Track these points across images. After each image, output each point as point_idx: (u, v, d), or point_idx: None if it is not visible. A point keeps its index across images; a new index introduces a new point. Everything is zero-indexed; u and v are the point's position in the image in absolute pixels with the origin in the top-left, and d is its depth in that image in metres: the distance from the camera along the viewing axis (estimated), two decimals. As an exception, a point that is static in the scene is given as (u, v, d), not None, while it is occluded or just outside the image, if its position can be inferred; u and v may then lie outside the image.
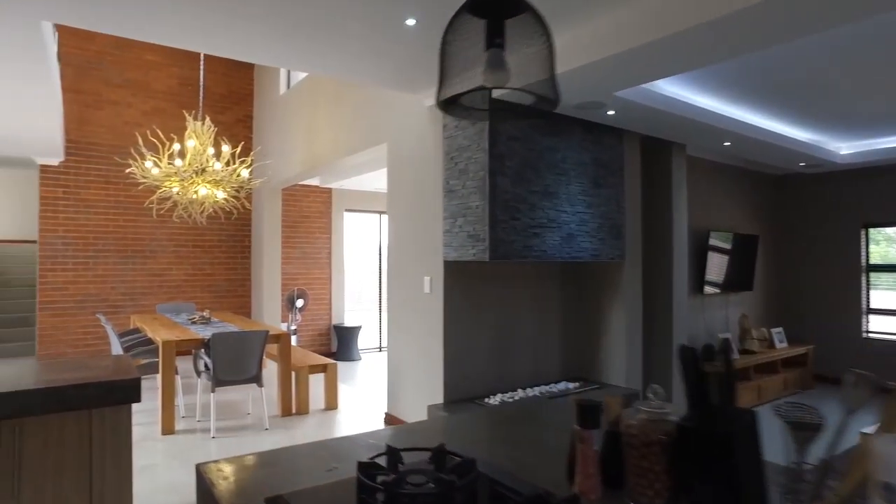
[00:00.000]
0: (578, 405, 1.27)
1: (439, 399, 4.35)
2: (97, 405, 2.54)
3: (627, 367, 4.81)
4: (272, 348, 5.24)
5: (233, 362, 4.66)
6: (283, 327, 8.44)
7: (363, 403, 5.72)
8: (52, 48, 4.84)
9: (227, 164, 5.88)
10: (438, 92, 1.29)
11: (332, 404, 5.45)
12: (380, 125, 5.31)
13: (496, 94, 1.35)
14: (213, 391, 4.65)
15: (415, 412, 4.67)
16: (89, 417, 2.52)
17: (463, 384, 4.40)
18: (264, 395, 5.00)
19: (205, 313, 6.11)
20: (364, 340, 9.37)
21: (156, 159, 5.64)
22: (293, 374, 5.27)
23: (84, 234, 7.73)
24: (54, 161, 7.56)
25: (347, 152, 5.93)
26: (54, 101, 5.44)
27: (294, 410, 5.24)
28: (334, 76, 4.20)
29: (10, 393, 2.35)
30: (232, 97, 8.87)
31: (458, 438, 1.67)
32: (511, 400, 4.24)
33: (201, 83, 7.33)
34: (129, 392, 2.60)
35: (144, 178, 5.75)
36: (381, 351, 9.66)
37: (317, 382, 5.78)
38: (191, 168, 5.59)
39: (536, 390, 4.54)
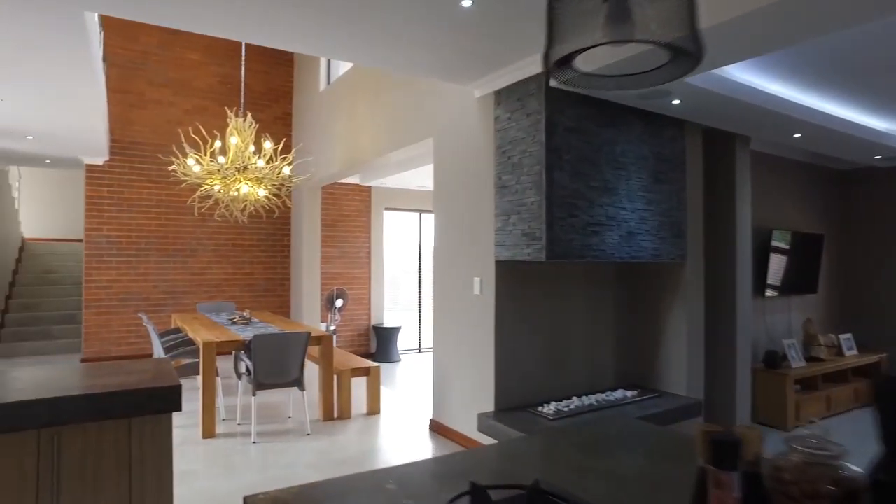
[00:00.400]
0: (712, 440, 1.03)
1: (489, 406, 4.12)
2: (137, 414, 2.39)
3: (688, 374, 4.50)
4: (313, 350, 5.09)
5: (274, 365, 4.52)
6: (323, 328, 8.32)
7: (406, 408, 5.53)
8: (98, 49, 4.79)
9: (269, 161, 5.77)
10: (546, 56, 1.05)
11: (374, 409, 5.27)
12: (425, 119, 5.10)
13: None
14: (253, 395, 4.51)
15: (463, 420, 4.45)
16: (128, 426, 2.38)
17: (515, 391, 4.16)
18: (306, 399, 4.85)
19: (245, 313, 6.01)
20: (403, 341, 9.20)
21: (198, 157, 5.55)
22: (335, 377, 5.11)
23: (127, 233, 7.75)
24: (99, 160, 7.60)
25: (390, 148, 5.75)
26: (100, 101, 5.41)
27: (336, 415, 5.08)
28: (382, 66, 4.00)
29: (48, 399, 2.22)
30: (271, 94, 8.80)
31: (539, 468, 1.44)
32: (567, 409, 3.98)
33: (242, 79, 7.25)
34: (170, 400, 2.45)
35: (186, 175, 5.67)
36: (420, 352, 9.48)
37: (358, 386, 5.62)
38: (233, 165, 5.48)
39: (592, 398, 4.27)
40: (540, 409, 4.03)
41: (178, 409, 2.39)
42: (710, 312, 4.81)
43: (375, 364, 5.37)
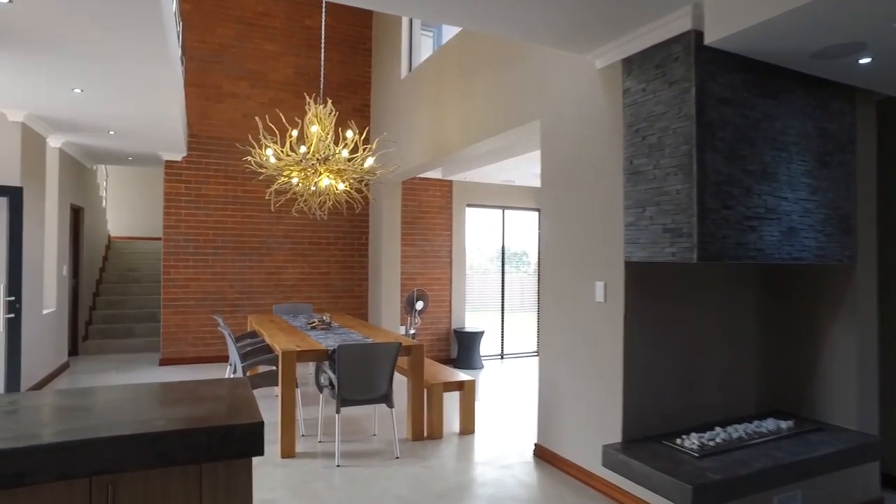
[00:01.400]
0: None
1: (614, 435, 3.44)
2: (208, 459, 1.90)
3: (860, 404, 3.64)
4: (401, 361, 4.55)
5: (361, 379, 4.00)
6: (402, 331, 7.84)
7: (504, 428, 4.91)
8: (176, 42, 4.47)
9: (352, 152, 5.29)
10: None
11: (468, 428, 4.69)
12: (529, 100, 4.46)
13: None
14: (337, 412, 4.02)
15: (579, 449, 3.79)
16: (199, 475, 1.88)
17: (645, 417, 3.46)
18: (394, 416, 4.32)
19: (325, 317, 5.56)
20: (486, 346, 8.60)
21: (275, 147, 5.14)
22: (425, 391, 4.56)
23: (204, 231, 7.52)
24: (177, 156, 7.40)
25: (482, 136, 5.14)
26: (178, 94, 5.12)
27: (426, 434, 4.53)
28: (496, 31, 3.41)
29: (100, 441, 1.75)
30: (349, 86, 8.39)
31: None
32: (713, 443, 3.24)
33: (321, 66, 6.85)
34: (250, 443, 1.93)
35: (262, 168, 5.27)
36: (503, 359, 8.85)
37: (449, 400, 5.05)
38: (314, 156, 5.03)
39: (739, 430, 3.50)
40: (679, 441, 3.30)
41: (260, 452, 1.87)
42: (884, 327, 3.92)
43: (470, 377, 4.79)
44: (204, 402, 2.09)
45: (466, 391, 4.68)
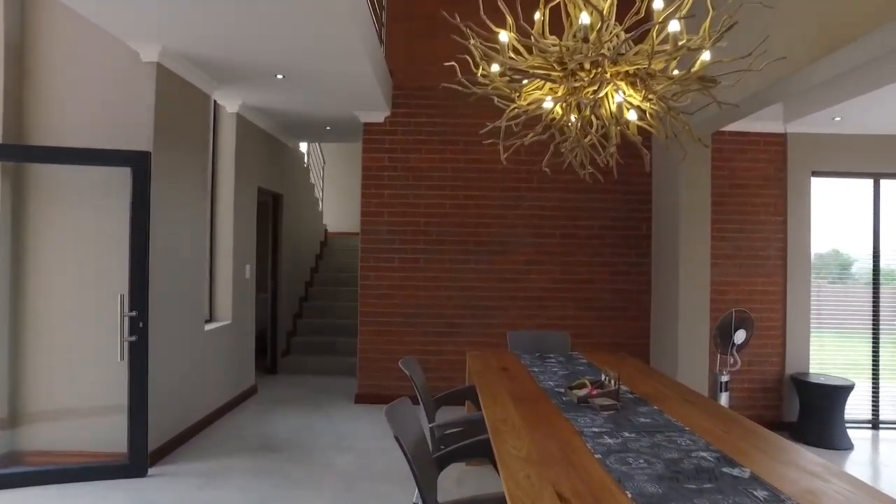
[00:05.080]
0: None
1: None
2: None
3: None
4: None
5: None
6: (721, 380, 4.76)
7: None
8: None
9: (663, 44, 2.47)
10: None
11: None
12: None
13: None
14: None
15: None
16: None
17: None
18: None
19: (606, 377, 2.81)
20: (850, 408, 5.07)
21: (513, 37, 2.58)
22: None
23: (413, 219, 5.38)
24: (378, 116, 5.36)
25: None
26: (362, 17, 2.90)
27: None
28: None
29: None
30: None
31: None
32: None
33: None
34: None
35: (482, 82, 2.77)
36: (875, 428, 5.20)
37: None
38: (594, 52, 2.34)
39: None
40: None
41: None
42: None
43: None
44: None
45: None
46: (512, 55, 2.58)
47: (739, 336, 4.81)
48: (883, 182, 5.39)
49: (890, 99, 4.09)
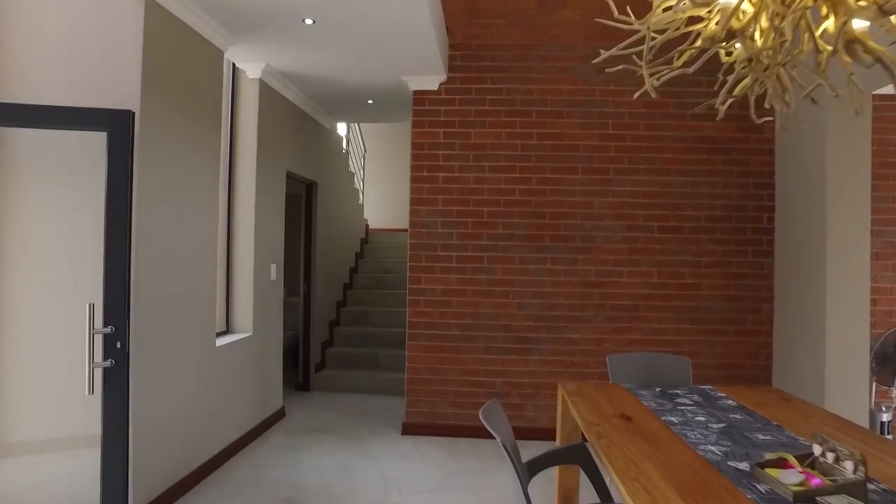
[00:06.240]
0: None
1: None
2: None
3: None
4: None
5: None
6: (882, 419, 3.59)
7: None
8: None
9: None
10: None
11: None
12: None
13: None
14: None
15: None
16: None
17: None
18: None
19: (824, 450, 1.73)
20: None
21: None
22: None
23: (475, 208, 4.37)
24: (433, 82, 4.37)
25: None
26: None
27: None
28: None
29: None
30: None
31: None
32: None
33: None
34: None
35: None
36: None
37: None
38: None
39: None
40: None
41: None
42: None
43: None
44: None
45: None
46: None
47: (907, 362, 3.63)
48: None
49: None
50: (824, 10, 1.63)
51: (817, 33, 1.64)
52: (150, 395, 2.84)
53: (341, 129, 6.94)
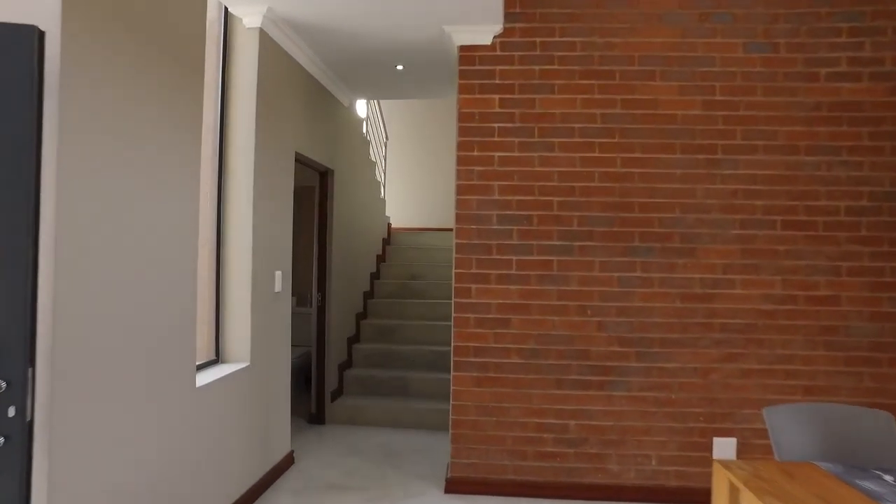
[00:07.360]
0: None
1: None
2: None
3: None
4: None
5: None
6: None
7: None
8: None
9: None
10: None
11: None
12: None
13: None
14: None
15: None
16: None
17: None
18: None
19: None
20: None
21: None
22: None
23: (542, 198, 3.35)
24: (485, 35, 3.37)
25: None
26: None
27: None
28: None
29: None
30: None
31: None
32: None
33: None
34: None
35: None
36: None
37: None
38: None
39: None
40: None
41: None
42: None
43: None
44: None
45: None
46: None
47: None
48: None
49: None
50: None
51: None
52: (81, 476, 1.86)
53: (360, 110, 5.94)
